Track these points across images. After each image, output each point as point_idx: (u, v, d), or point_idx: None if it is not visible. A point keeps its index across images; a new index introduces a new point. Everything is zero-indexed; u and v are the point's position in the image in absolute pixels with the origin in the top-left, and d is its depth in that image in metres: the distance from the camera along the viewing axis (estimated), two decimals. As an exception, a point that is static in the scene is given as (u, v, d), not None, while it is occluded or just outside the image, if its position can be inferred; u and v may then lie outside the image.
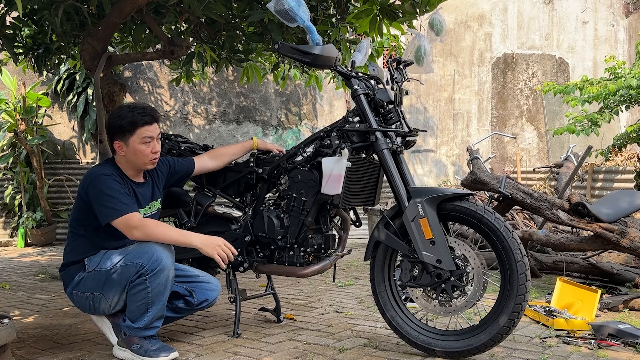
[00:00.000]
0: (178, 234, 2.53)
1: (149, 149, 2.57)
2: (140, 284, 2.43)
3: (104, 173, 2.51)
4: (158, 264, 2.42)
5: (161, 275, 2.44)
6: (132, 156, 2.57)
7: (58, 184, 7.40)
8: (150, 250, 2.44)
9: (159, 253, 2.44)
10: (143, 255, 2.44)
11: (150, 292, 2.44)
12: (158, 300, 2.46)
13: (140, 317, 2.47)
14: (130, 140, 2.55)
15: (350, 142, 2.63)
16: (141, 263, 2.43)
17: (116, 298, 2.51)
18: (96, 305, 2.54)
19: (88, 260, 2.56)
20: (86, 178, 2.54)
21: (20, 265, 5.57)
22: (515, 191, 4.01)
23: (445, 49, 9.24)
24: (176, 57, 4.48)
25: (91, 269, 2.53)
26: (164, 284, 2.46)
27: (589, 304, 3.24)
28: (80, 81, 7.32)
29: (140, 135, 2.55)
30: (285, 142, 8.39)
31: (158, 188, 2.76)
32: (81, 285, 2.54)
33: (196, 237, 2.51)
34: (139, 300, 2.45)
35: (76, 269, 2.57)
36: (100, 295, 2.51)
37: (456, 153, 9.24)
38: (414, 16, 3.75)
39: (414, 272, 2.49)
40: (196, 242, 2.49)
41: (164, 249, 2.48)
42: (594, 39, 9.83)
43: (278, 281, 4.41)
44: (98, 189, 2.47)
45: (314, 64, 2.60)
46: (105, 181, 2.48)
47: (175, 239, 2.51)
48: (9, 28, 4.20)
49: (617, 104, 6.54)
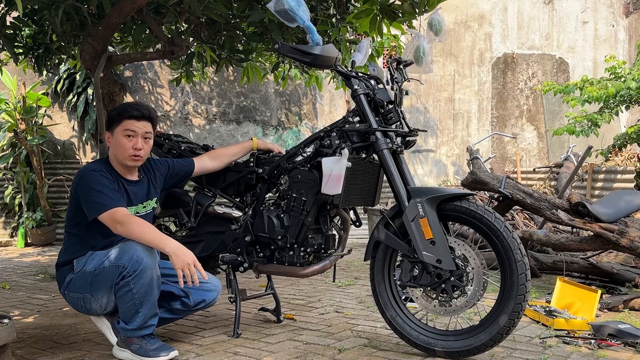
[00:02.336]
0: (156, 237, 2.42)
1: (130, 144, 2.55)
2: (125, 286, 2.41)
3: (93, 169, 2.53)
4: (139, 265, 2.39)
5: (144, 276, 2.40)
6: (114, 148, 2.59)
7: (58, 184, 7.40)
8: (130, 251, 2.41)
9: (139, 253, 2.40)
10: (124, 256, 2.41)
11: (136, 292, 2.41)
12: (147, 300, 2.44)
13: (132, 318, 2.46)
14: (115, 131, 2.58)
15: (350, 142, 2.62)
16: (122, 264, 2.40)
17: (105, 299, 2.49)
18: (88, 306, 2.54)
19: (77, 261, 2.56)
20: (77, 175, 2.55)
21: (20, 265, 5.57)
22: (515, 191, 4.01)
23: (445, 49, 9.24)
24: (176, 57, 4.48)
25: (78, 270, 2.53)
26: (148, 284, 2.42)
27: (589, 304, 3.24)
28: (80, 81, 7.32)
29: (124, 126, 2.56)
30: (285, 142, 8.39)
31: (154, 188, 2.75)
32: (71, 286, 2.55)
33: (171, 245, 2.39)
34: (128, 302, 2.44)
35: (67, 270, 2.58)
36: (90, 296, 2.51)
37: (456, 153, 9.24)
38: (414, 16, 3.75)
39: (414, 272, 2.49)
40: (168, 249, 2.38)
41: (145, 249, 2.43)
42: (594, 39, 9.83)
43: (278, 281, 4.41)
44: (86, 185, 2.48)
45: (314, 64, 2.60)
46: (93, 177, 2.49)
47: (153, 241, 2.41)
48: (9, 28, 4.19)
49: (617, 104, 6.54)
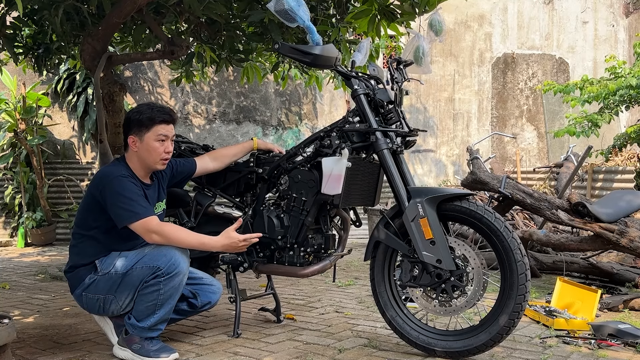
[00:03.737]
0: (196, 240, 2.52)
1: (162, 148, 2.58)
2: (154, 285, 2.44)
3: (121, 174, 2.50)
4: (175, 268, 2.44)
5: (175, 279, 2.46)
6: (144, 153, 2.57)
7: (58, 184, 7.40)
8: (168, 254, 2.45)
9: (177, 257, 2.46)
10: (161, 258, 2.44)
11: (163, 294, 2.45)
12: (168, 303, 2.48)
13: (147, 317, 2.47)
14: (146, 136, 2.55)
15: (350, 142, 2.63)
16: (158, 265, 2.44)
17: (128, 300, 2.50)
18: (106, 307, 2.54)
19: (99, 262, 2.54)
20: (101, 179, 2.51)
21: (20, 265, 5.57)
22: (515, 191, 4.01)
23: (445, 49, 9.24)
24: (176, 57, 4.47)
25: (105, 271, 2.51)
26: (176, 287, 2.48)
27: (589, 304, 3.24)
28: (80, 81, 7.31)
29: (156, 132, 2.56)
30: (285, 142, 8.39)
31: (163, 189, 2.77)
32: (92, 288, 2.53)
33: (215, 243, 2.52)
34: (150, 301, 2.45)
35: (86, 271, 2.55)
36: (112, 297, 2.50)
37: (456, 153, 9.24)
38: (413, 16, 3.74)
39: (414, 272, 2.49)
40: (218, 247, 2.52)
41: (182, 253, 2.50)
42: (594, 39, 9.83)
43: (278, 281, 4.41)
44: (115, 191, 2.45)
45: (314, 64, 2.60)
46: (123, 183, 2.47)
47: (194, 244, 2.51)
48: (9, 28, 4.19)
49: (617, 104, 6.54)
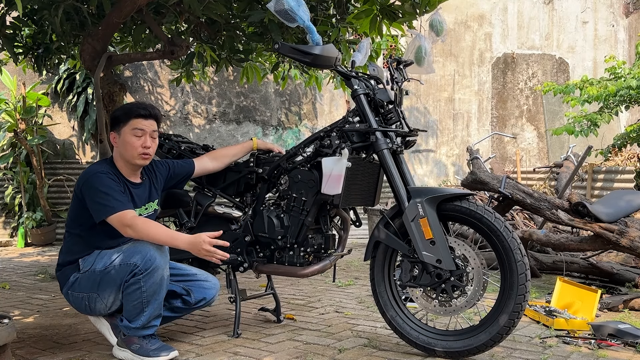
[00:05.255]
0: (166, 235, 2.48)
1: (139, 142, 2.56)
2: (135, 284, 2.43)
3: (100, 171, 2.52)
4: (151, 263, 2.42)
5: (155, 275, 2.43)
6: (122, 148, 2.58)
7: (58, 184, 7.40)
8: (143, 250, 2.43)
9: (152, 252, 2.43)
10: (136, 255, 2.43)
11: (145, 291, 2.43)
12: (154, 299, 2.46)
13: (137, 316, 2.47)
14: (122, 131, 2.57)
15: (350, 142, 2.62)
16: (135, 262, 2.42)
17: (112, 298, 2.50)
18: (92, 306, 2.54)
19: (82, 260, 2.55)
20: (82, 176, 2.54)
21: (20, 265, 5.57)
22: (515, 191, 4.01)
23: (445, 49, 9.24)
24: (176, 57, 4.48)
25: (85, 269, 2.53)
26: (158, 283, 2.45)
27: (589, 304, 3.24)
28: (80, 81, 7.32)
29: (132, 125, 2.56)
30: (285, 142, 8.39)
31: (156, 189, 2.76)
32: (76, 286, 2.54)
33: (182, 239, 2.45)
34: (135, 300, 2.45)
35: (71, 270, 2.57)
36: (96, 295, 2.51)
37: (456, 153, 9.24)
38: (414, 16, 3.75)
39: (414, 272, 2.49)
40: (182, 245, 2.45)
41: (157, 248, 2.47)
42: (594, 39, 9.83)
43: (278, 281, 4.41)
44: (93, 186, 2.47)
45: (314, 64, 2.60)
46: (100, 179, 2.48)
47: (164, 239, 2.46)
48: (9, 28, 4.20)
49: (617, 104, 6.54)
